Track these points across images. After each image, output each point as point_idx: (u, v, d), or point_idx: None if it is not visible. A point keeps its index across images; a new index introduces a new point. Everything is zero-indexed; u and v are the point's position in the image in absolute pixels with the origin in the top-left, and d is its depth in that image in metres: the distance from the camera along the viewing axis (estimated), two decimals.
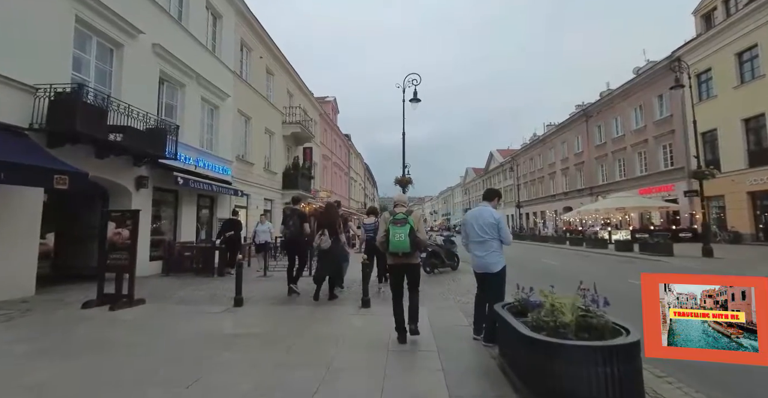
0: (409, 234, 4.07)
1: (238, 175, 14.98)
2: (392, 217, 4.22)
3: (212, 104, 13.46)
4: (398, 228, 4.10)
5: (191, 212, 12.08)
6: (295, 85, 22.21)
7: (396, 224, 4.13)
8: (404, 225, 4.11)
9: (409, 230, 4.08)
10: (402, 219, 4.15)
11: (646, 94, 26.97)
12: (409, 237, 4.06)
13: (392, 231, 4.10)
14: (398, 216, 4.20)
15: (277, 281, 8.73)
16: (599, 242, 19.68)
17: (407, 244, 4.06)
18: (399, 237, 4.06)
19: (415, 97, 14.88)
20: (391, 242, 4.09)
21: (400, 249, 4.09)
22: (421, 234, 4.24)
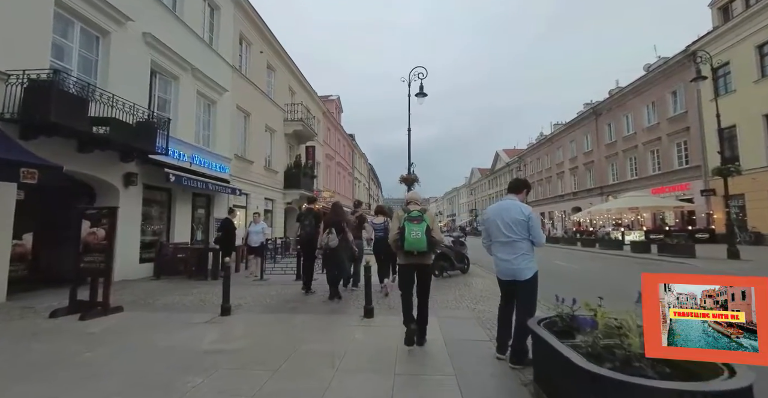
0: (426, 232, 3.85)
1: (236, 174, 14.37)
2: (407, 215, 3.99)
3: (209, 99, 12.86)
4: (415, 226, 3.87)
5: (186, 211, 11.47)
6: (297, 82, 21.60)
7: (412, 221, 3.91)
8: (421, 222, 3.90)
9: (425, 228, 3.87)
10: (418, 216, 3.94)
11: (659, 91, 26.11)
12: (425, 235, 3.84)
13: (408, 229, 3.87)
14: (413, 213, 3.99)
15: (273, 286, 8.08)
16: (613, 243, 18.87)
17: (424, 243, 3.84)
18: (416, 234, 3.84)
19: (421, 92, 14.21)
20: (407, 240, 3.85)
21: (417, 247, 3.86)
22: (437, 234, 4.02)
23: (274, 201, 18.08)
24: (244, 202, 15.32)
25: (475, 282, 8.61)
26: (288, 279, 8.78)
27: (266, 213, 17.61)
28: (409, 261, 4.07)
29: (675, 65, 24.27)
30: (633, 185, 28.11)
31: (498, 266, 3.59)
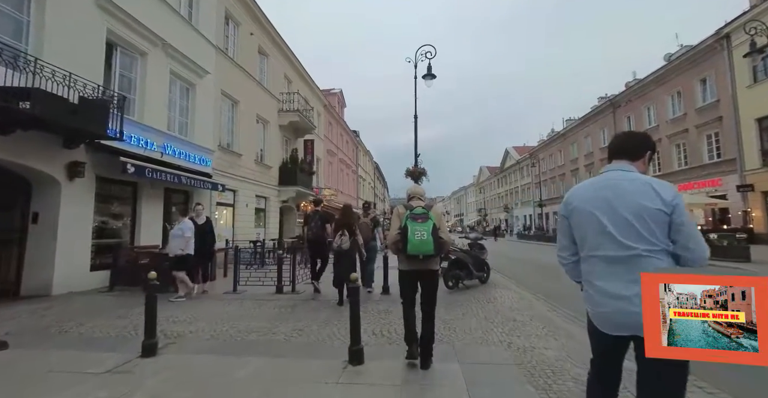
0: (432, 232, 3.31)
1: (221, 168, 12.75)
2: (409, 212, 3.45)
3: (186, 81, 11.24)
4: (419, 225, 3.33)
5: (156, 210, 9.86)
6: (294, 71, 19.96)
7: (416, 220, 3.37)
8: (426, 221, 3.35)
9: (432, 227, 3.33)
10: (423, 214, 3.41)
11: (685, 79, 24.14)
12: (432, 236, 3.30)
13: (411, 229, 3.32)
14: (417, 210, 3.44)
15: (244, 302, 6.42)
16: None
17: (431, 245, 3.29)
18: (421, 235, 3.30)
19: (429, 73, 12.49)
20: (411, 242, 3.29)
21: (422, 251, 3.30)
22: (445, 234, 3.49)
23: (268, 199, 16.44)
24: (231, 200, 13.71)
25: (501, 296, 6.88)
26: (266, 291, 7.11)
27: (258, 211, 16.00)
28: (413, 267, 3.48)
29: (704, 50, 22.29)
30: None
31: (599, 305, 1.81)
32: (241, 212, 14.05)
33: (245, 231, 14.30)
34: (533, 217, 48.04)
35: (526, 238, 36.33)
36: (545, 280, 9.73)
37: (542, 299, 6.77)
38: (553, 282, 9.36)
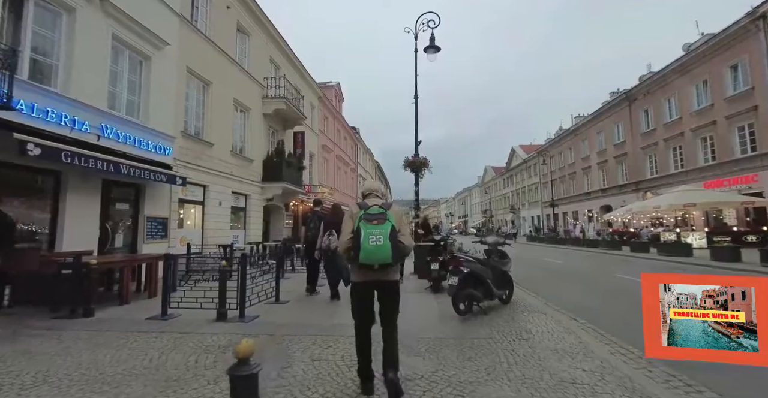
0: (390, 236, 2.75)
1: (186, 158, 10.77)
2: (363, 212, 2.87)
3: (138, 51, 9.27)
4: (375, 228, 2.78)
5: (89, 206, 7.86)
6: (282, 56, 17.98)
7: (371, 222, 2.81)
8: (383, 223, 2.80)
9: (389, 231, 2.77)
10: (379, 214, 2.84)
11: (712, 66, 22.00)
12: (390, 240, 2.73)
13: (365, 233, 2.76)
14: (373, 210, 2.88)
15: (162, 337, 4.38)
16: (680, 248, 14.83)
17: (388, 252, 2.73)
18: (376, 240, 2.73)
19: (432, 44, 10.48)
20: (364, 248, 2.74)
21: (377, 259, 2.74)
22: (407, 238, 2.94)
23: (249, 196, 14.44)
24: (199, 196, 11.71)
25: (535, 326, 4.83)
26: (205, 317, 5.08)
27: (238, 210, 14.01)
28: (367, 278, 2.89)
29: (736, 33, 20.18)
30: (678, 179, 24.03)
31: None
32: (213, 211, 12.06)
33: (219, 233, 12.32)
34: (541, 218, 45.88)
35: (537, 240, 34.11)
36: (582, 296, 7.66)
37: (595, 331, 4.72)
38: (592, 298, 7.29)
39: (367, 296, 2.98)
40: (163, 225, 9.90)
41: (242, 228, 14.27)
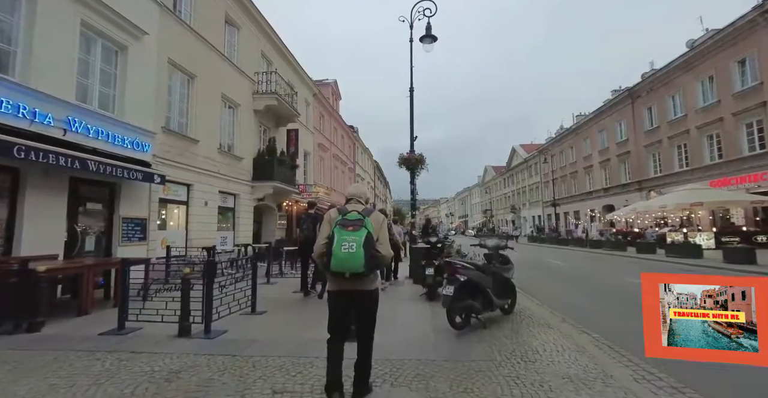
0: (364, 244, 2.59)
1: (167, 155, 10.14)
2: (341, 217, 2.74)
3: (111, 40, 8.64)
4: (349, 235, 2.62)
5: (54, 206, 7.22)
6: (274, 50, 17.34)
7: (346, 228, 2.66)
8: (358, 229, 2.64)
9: (364, 238, 2.60)
10: (356, 220, 2.69)
11: (719, 62, 21.36)
12: (363, 249, 2.57)
13: (339, 239, 2.61)
14: (350, 215, 2.74)
15: (86, 361, 3.74)
16: (689, 249, 14.18)
17: (360, 260, 2.56)
18: (348, 248, 2.58)
19: (429, 34, 9.86)
20: (335, 255, 2.58)
21: (348, 267, 2.58)
22: (384, 248, 2.75)
23: (237, 196, 13.81)
24: (182, 196, 11.08)
25: (541, 343, 4.20)
26: (167, 332, 4.45)
27: (226, 211, 13.38)
28: (340, 287, 2.76)
29: (743, 27, 19.55)
30: (683, 178, 23.40)
31: None
32: (197, 211, 11.43)
33: (205, 234, 11.69)
34: (542, 218, 45.23)
35: (538, 241, 33.42)
36: (590, 303, 7.02)
37: (610, 348, 4.09)
38: (601, 305, 6.65)
39: (340, 306, 2.82)
40: (142, 227, 9.27)
41: (231, 229, 13.63)
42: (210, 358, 3.70)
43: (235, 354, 3.81)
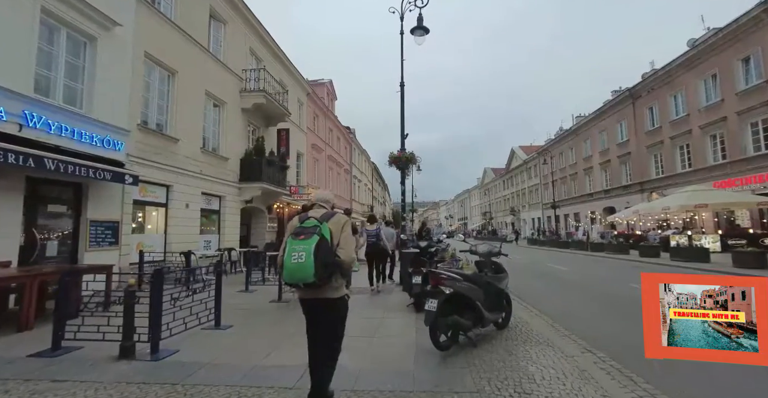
0: (315, 252, 2.45)
1: (144, 155, 9.56)
2: (299, 225, 2.65)
3: (78, 30, 8.07)
4: (299, 244, 2.50)
5: (6, 208, 6.61)
6: (263, 47, 16.78)
7: (297, 237, 2.55)
8: (309, 237, 2.51)
9: (314, 246, 2.47)
10: (311, 228, 2.58)
11: (722, 60, 20.80)
12: (314, 257, 2.43)
13: (289, 249, 2.53)
14: (307, 223, 2.63)
15: None
16: (696, 252, 13.56)
17: (310, 270, 2.43)
18: (297, 258, 2.46)
19: (420, 26, 9.29)
20: (286, 266, 2.52)
21: (298, 278, 2.48)
22: (345, 253, 2.63)
23: (223, 198, 13.21)
24: (162, 198, 10.48)
25: (541, 367, 3.61)
26: (107, 353, 3.83)
27: (210, 213, 12.79)
28: (302, 296, 2.72)
29: (748, 24, 19.01)
30: (686, 179, 22.80)
31: None
32: (178, 214, 10.83)
33: (187, 238, 11.08)
34: (542, 220, 44.61)
35: (538, 244, 32.78)
36: (594, 313, 6.41)
37: (620, 373, 3.48)
38: (607, 317, 6.05)
39: (307, 313, 2.78)
40: (113, 231, 8.66)
41: (216, 232, 13.03)
42: (143, 388, 3.09)
43: (175, 383, 3.21)
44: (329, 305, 2.68)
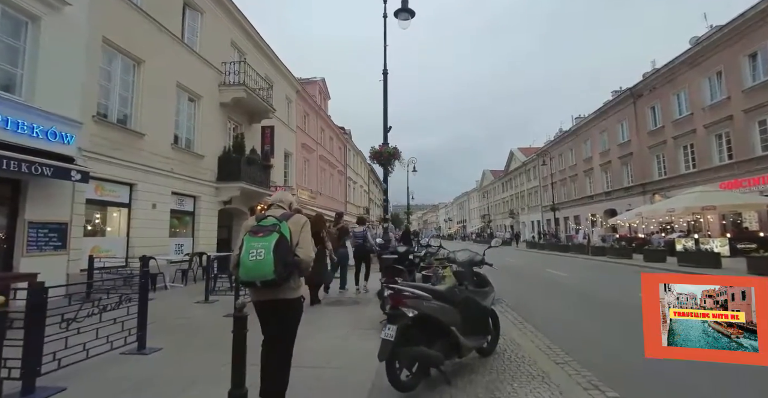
0: (275, 249, 2.39)
1: (99, 150, 8.66)
2: (256, 223, 2.60)
3: (16, 7, 7.20)
4: (257, 241, 2.43)
5: None
6: (247, 39, 15.92)
7: (256, 234, 2.48)
8: (269, 235, 2.46)
9: (274, 243, 2.42)
10: (270, 226, 2.53)
11: (728, 56, 19.95)
12: (273, 254, 2.37)
13: (246, 247, 2.45)
14: (265, 221, 2.58)
15: None
16: (705, 257, 12.64)
17: (270, 267, 2.35)
18: (256, 255, 2.39)
19: (405, 7, 8.42)
20: (243, 264, 2.42)
21: (256, 276, 2.39)
22: (304, 252, 2.61)
23: (198, 198, 12.30)
24: (124, 197, 9.57)
25: None
26: None
27: (183, 215, 11.88)
28: (258, 297, 2.61)
29: (755, 18, 18.18)
30: (690, 180, 21.93)
31: None
32: (143, 215, 9.92)
33: (154, 241, 10.18)
34: (542, 223, 43.66)
35: (537, 247, 31.78)
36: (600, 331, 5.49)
37: None
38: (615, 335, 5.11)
39: (262, 316, 2.69)
40: (60, 233, 7.74)
41: (189, 235, 12.11)
42: None
43: None
44: (287, 305, 2.62)
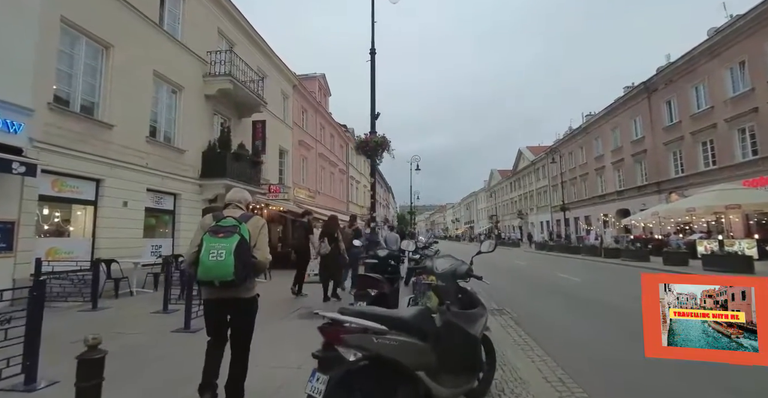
0: (236, 251, 2.41)
1: (56, 141, 7.79)
2: (215, 223, 2.59)
3: None
4: (218, 242, 2.44)
5: None
6: (236, 29, 15.04)
7: (216, 234, 2.48)
8: (230, 236, 2.47)
9: (235, 245, 2.43)
10: (230, 227, 2.54)
11: (752, 44, 18.63)
12: (234, 256, 2.39)
13: (207, 246, 2.43)
14: (224, 222, 2.59)
15: None
16: (736, 261, 11.45)
17: (230, 268, 2.38)
18: (216, 255, 2.39)
19: None
20: (203, 264, 2.41)
21: (216, 275, 2.40)
22: (261, 254, 2.66)
23: (179, 196, 11.42)
24: (89, 194, 8.70)
25: None
26: None
27: (162, 213, 11.01)
28: (212, 296, 2.63)
29: None
30: (709, 178, 20.63)
31: None
32: (111, 214, 9.04)
33: (125, 242, 9.30)
34: (551, 223, 42.29)
35: (546, 249, 30.48)
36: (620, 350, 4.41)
37: None
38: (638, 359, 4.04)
39: (215, 315, 2.71)
40: (5, 233, 6.89)
41: (169, 236, 11.24)
42: None
43: None
44: (243, 304, 2.66)
